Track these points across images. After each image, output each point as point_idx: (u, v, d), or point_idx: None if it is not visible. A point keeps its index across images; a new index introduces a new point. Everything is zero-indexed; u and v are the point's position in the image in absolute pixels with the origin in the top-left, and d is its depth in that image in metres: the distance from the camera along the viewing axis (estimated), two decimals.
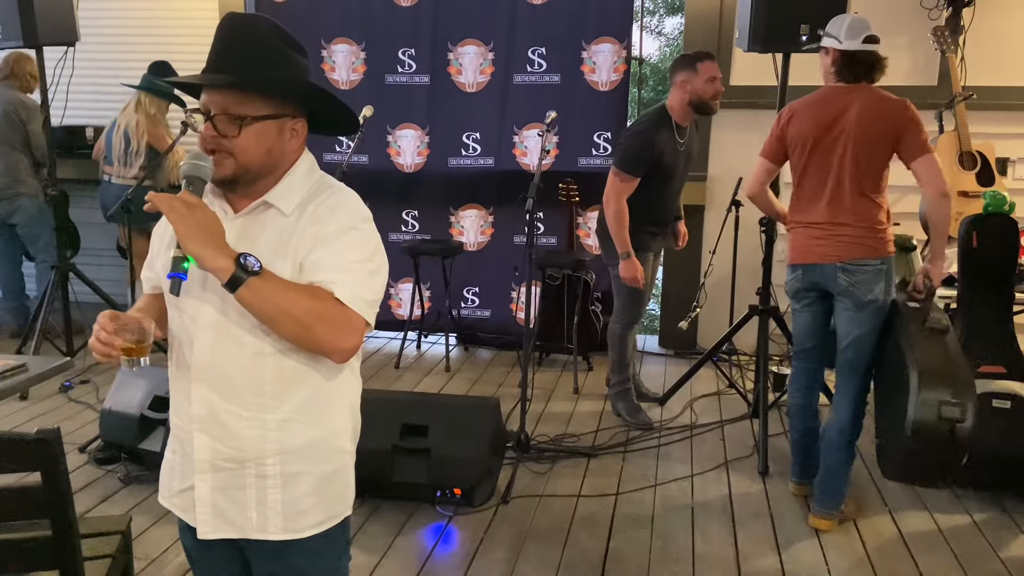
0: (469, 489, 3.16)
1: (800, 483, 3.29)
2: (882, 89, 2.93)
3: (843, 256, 2.91)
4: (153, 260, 1.58)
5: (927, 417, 2.70)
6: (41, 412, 4.07)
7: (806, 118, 2.96)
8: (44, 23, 4.13)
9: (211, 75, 1.41)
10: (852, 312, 2.94)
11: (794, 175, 3.06)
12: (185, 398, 1.48)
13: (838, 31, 2.92)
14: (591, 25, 4.89)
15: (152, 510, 3.12)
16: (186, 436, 1.49)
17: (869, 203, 2.92)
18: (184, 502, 1.54)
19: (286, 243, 1.42)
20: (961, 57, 4.40)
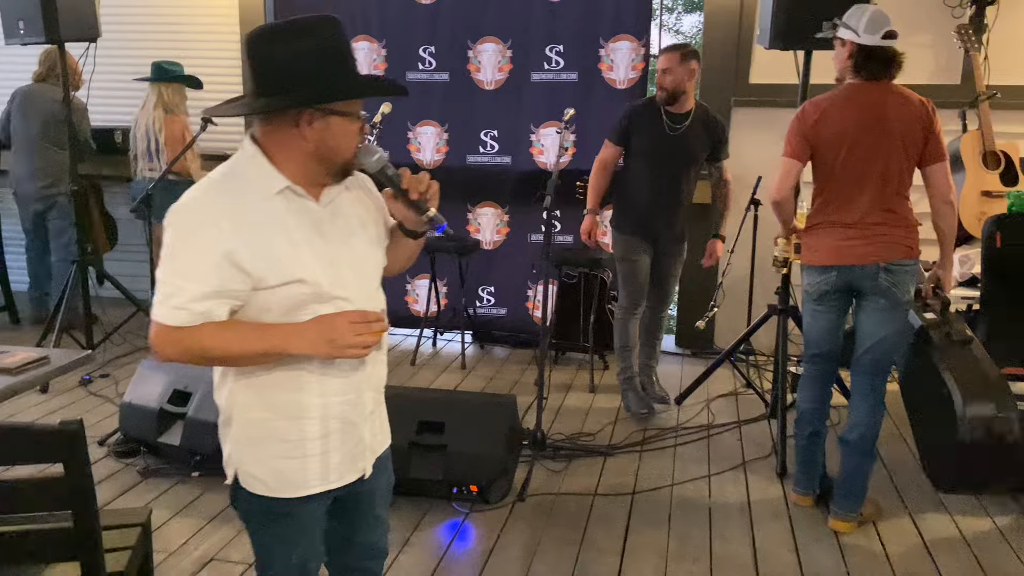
0: (485, 486, 3.16)
1: (804, 494, 3.22)
2: (902, 86, 2.90)
3: (887, 257, 2.85)
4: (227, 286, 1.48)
5: (979, 435, 2.69)
6: (61, 405, 4.11)
7: (842, 117, 2.86)
8: (66, 19, 4.16)
9: (394, 84, 1.65)
10: (886, 312, 2.89)
11: (822, 174, 2.95)
12: (355, 368, 1.63)
13: (857, 23, 2.84)
14: (609, 23, 4.86)
15: (171, 503, 3.15)
16: (351, 404, 1.65)
17: (905, 202, 2.90)
18: (345, 466, 1.67)
19: (364, 212, 1.68)
20: (985, 56, 4.35)
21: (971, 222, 4.07)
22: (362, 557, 1.86)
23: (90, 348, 4.51)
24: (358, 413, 1.67)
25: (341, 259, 1.57)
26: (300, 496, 1.63)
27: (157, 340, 1.50)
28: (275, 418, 1.59)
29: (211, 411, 3.30)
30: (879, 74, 2.86)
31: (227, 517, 3.06)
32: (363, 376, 1.65)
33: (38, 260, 5.40)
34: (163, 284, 1.49)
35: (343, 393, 1.63)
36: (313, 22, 1.51)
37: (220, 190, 1.51)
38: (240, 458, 1.64)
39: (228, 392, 1.62)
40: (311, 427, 1.60)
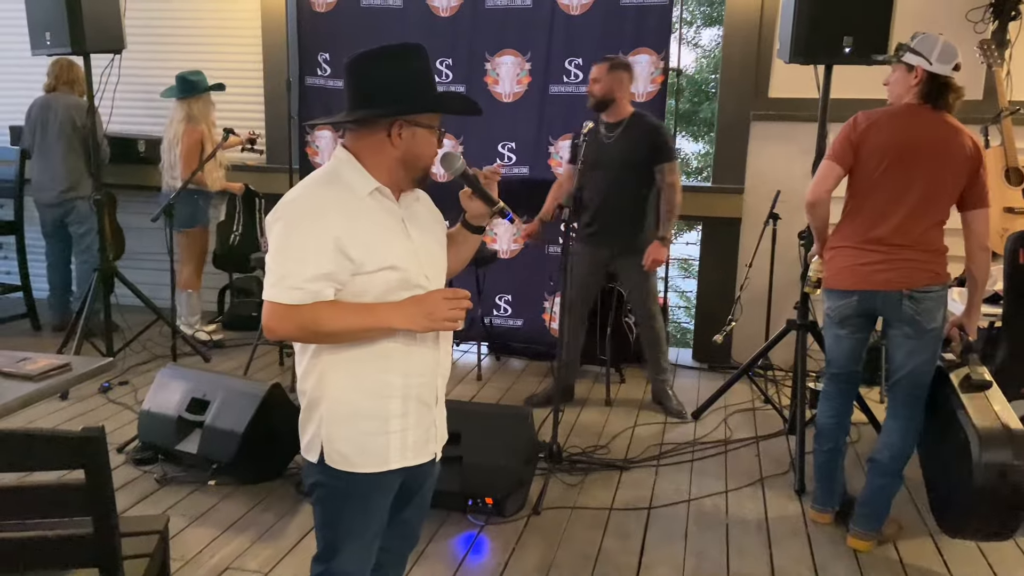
0: (501, 499, 3.15)
1: (823, 511, 3.18)
2: (958, 121, 2.86)
3: (910, 283, 2.80)
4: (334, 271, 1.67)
5: (992, 483, 2.65)
6: (80, 412, 4.14)
7: (891, 130, 2.82)
8: (92, 31, 4.22)
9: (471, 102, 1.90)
10: (913, 340, 2.84)
11: (859, 188, 2.89)
12: (432, 352, 1.82)
13: (929, 52, 2.79)
14: (628, 36, 4.87)
15: (188, 511, 3.16)
16: (427, 386, 1.83)
17: (937, 229, 2.85)
18: (420, 445, 1.84)
19: (433, 215, 1.92)
20: (1008, 71, 4.32)
21: (993, 239, 4.00)
22: (398, 536, 1.99)
23: (110, 355, 4.55)
24: (431, 396, 1.84)
25: (421, 252, 1.79)
26: (381, 472, 1.78)
27: (272, 318, 1.67)
28: (363, 397, 1.76)
29: (229, 419, 3.35)
30: (946, 105, 2.82)
31: (244, 526, 3.07)
32: (436, 360, 1.84)
33: (58, 267, 5.47)
34: (276, 267, 1.67)
35: (421, 375, 1.81)
36: (402, 48, 1.76)
37: (323, 186, 1.72)
38: (328, 436, 1.77)
39: (318, 376, 1.77)
40: (394, 405, 1.78)
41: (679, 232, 10.79)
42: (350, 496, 1.80)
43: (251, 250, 5.37)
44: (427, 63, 1.78)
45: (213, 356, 5.04)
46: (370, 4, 5.16)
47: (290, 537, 3.00)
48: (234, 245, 5.28)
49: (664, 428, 4.15)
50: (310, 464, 1.82)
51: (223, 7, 5.74)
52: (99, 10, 4.26)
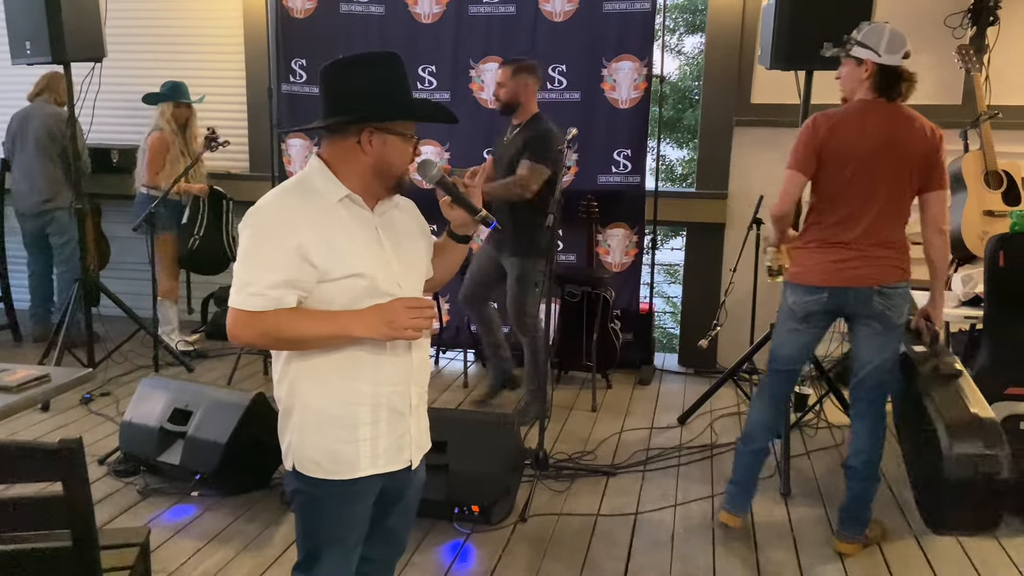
0: (487, 506, 3.14)
1: (738, 514, 3.12)
2: (912, 108, 2.87)
3: (882, 279, 2.81)
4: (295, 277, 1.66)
5: (964, 474, 2.65)
6: (62, 423, 4.10)
7: (852, 133, 2.80)
8: (72, 39, 4.18)
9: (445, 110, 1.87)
10: (881, 336, 2.85)
11: (826, 190, 2.88)
12: (405, 361, 1.80)
13: (877, 43, 2.78)
14: (611, 43, 4.89)
15: (171, 523, 3.13)
16: (400, 395, 1.80)
17: (903, 226, 2.87)
18: (392, 454, 1.82)
19: (413, 227, 1.89)
20: (986, 76, 4.37)
21: (974, 242, 4.06)
22: (384, 543, 1.97)
23: (91, 366, 4.50)
24: (405, 404, 1.82)
25: (394, 261, 1.77)
26: (353, 478, 1.76)
27: (235, 324, 1.69)
28: (332, 405, 1.75)
29: (211, 430, 3.32)
30: (899, 95, 2.82)
31: (227, 537, 3.04)
32: (410, 370, 1.81)
33: (39, 278, 5.43)
34: (241, 274, 1.68)
35: (392, 383, 1.78)
36: (375, 55, 1.76)
37: (291, 195, 1.73)
38: (300, 443, 1.78)
39: (289, 384, 1.78)
40: (363, 413, 1.76)
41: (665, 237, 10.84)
42: (327, 503, 1.79)
43: (215, 254, 5.21)
44: (401, 70, 1.76)
45: (196, 366, 5.00)
46: (350, 11, 5.15)
47: (275, 547, 2.97)
48: (193, 248, 5.09)
49: (650, 433, 4.15)
50: (288, 472, 1.82)
51: (205, 16, 5.72)
52: (79, 19, 4.22)
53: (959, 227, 4.13)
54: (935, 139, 2.81)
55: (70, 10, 4.15)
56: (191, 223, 5.07)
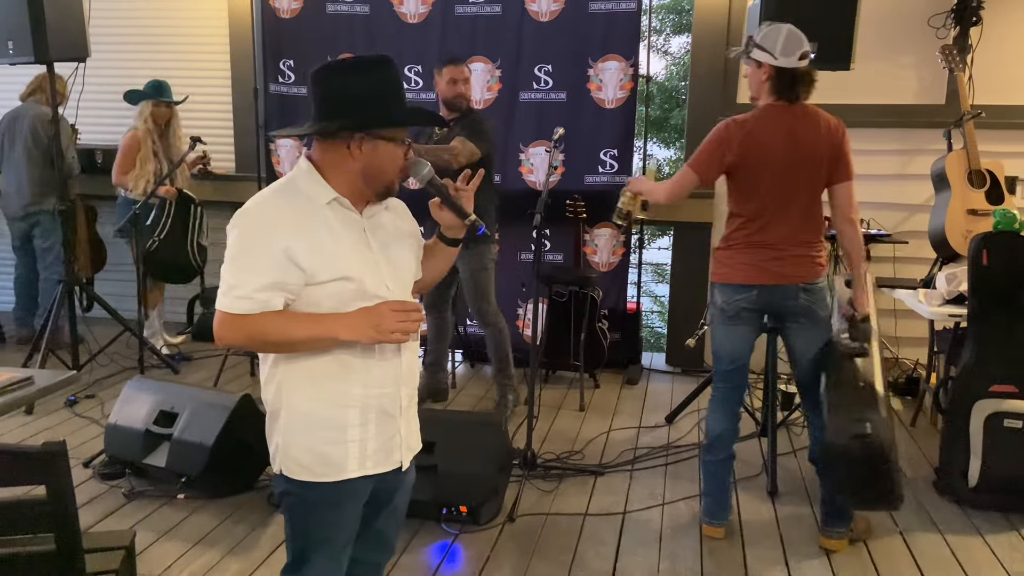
0: (475, 507, 3.13)
1: (720, 525, 3.10)
2: (816, 106, 2.92)
3: (806, 277, 2.89)
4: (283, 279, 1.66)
5: (839, 441, 2.75)
6: (46, 426, 4.06)
7: (765, 140, 2.84)
8: (55, 39, 4.15)
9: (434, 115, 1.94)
10: (811, 330, 2.95)
11: (744, 196, 2.92)
12: (395, 363, 1.78)
13: (773, 45, 2.81)
14: (598, 43, 4.90)
15: (156, 526, 3.11)
16: (390, 397, 1.79)
17: (818, 223, 2.95)
18: (381, 455, 1.80)
19: (402, 228, 1.86)
20: (969, 76, 4.41)
21: (958, 240, 4.10)
22: (372, 547, 1.95)
23: (75, 369, 4.46)
24: (394, 406, 1.81)
25: (382, 263, 1.76)
26: (341, 480, 1.76)
27: (221, 327, 1.68)
28: (321, 407, 1.74)
29: (197, 432, 3.30)
30: (798, 97, 2.85)
31: (214, 540, 3.02)
32: (399, 372, 1.80)
33: (24, 279, 5.38)
34: (228, 277, 1.67)
35: (381, 385, 1.77)
36: (368, 60, 1.74)
37: (279, 197, 1.71)
38: (286, 446, 1.77)
39: (276, 386, 1.77)
40: (352, 415, 1.75)
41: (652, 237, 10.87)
42: (316, 505, 1.78)
43: (175, 260, 5.00)
44: (393, 74, 1.74)
45: (182, 368, 4.97)
46: (336, 10, 5.14)
47: (262, 550, 2.95)
48: (151, 250, 4.86)
49: (638, 433, 4.16)
50: (276, 474, 1.82)
51: (190, 15, 5.69)
52: (63, 18, 4.19)
53: (943, 226, 4.17)
54: (839, 133, 2.88)
55: (53, 9, 4.11)
56: (153, 225, 4.91)
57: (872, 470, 2.72)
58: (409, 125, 1.81)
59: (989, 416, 3.28)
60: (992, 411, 3.28)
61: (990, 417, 3.27)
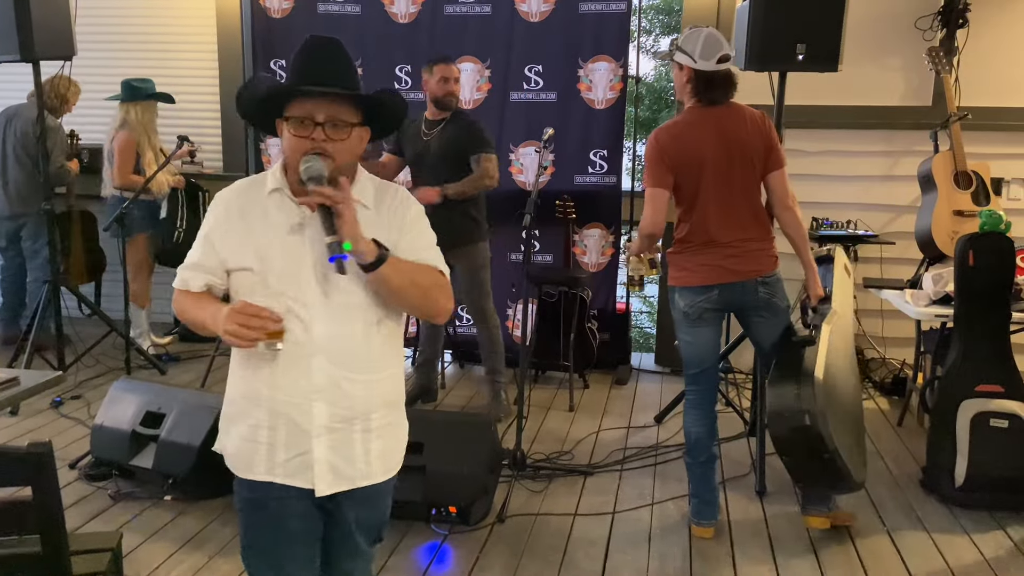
0: (465, 507, 3.13)
1: (710, 524, 3.11)
2: (739, 103, 2.97)
3: (762, 271, 2.95)
4: (204, 261, 1.70)
5: (779, 433, 2.80)
6: (32, 427, 4.03)
7: (694, 141, 2.89)
8: (41, 37, 4.12)
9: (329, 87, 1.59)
10: (772, 322, 3.01)
11: (686, 200, 2.96)
12: (302, 374, 1.64)
13: (692, 48, 2.86)
14: (587, 44, 4.91)
15: (143, 527, 3.09)
16: (299, 409, 1.65)
17: (764, 215, 3.00)
18: (292, 469, 1.68)
19: (373, 231, 1.62)
20: (956, 77, 4.44)
21: (944, 241, 4.12)
22: (328, 568, 1.83)
23: (61, 369, 4.43)
24: (307, 421, 1.66)
25: (305, 262, 1.64)
26: (257, 481, 1.69)
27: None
28: (240, 399, 1.72)
29: (184, 433, 3.28)
30: (718, 99, 2.90)
31: (200, 542, 3.00)
32: (313, 387, 1.64)
33: (11, 280, 5.33)
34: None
35: (289, 395, 1.65)
36: (303, 40, 1.67)
37: (239, 185, 1.73)
38: (222, 433, 1.77)
39: (228, 375, 1.77)
40: (261, 415, 1.68)
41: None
42: (246, 504, 1.74)
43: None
44: (312, 52, 1.62)
45: (169, 369, 4.94)
46: (327, 10, 5.13)
47: None
48: (179, 242, 4.98)
49: (627, 433, 4.16)
50: None
51: (178, 13, 5.66)
52: (49, 16, 4.16)
53: (929, 226, 4.19)
54: (765, 125, 2.94)
55: (39, 8, 4.09)
56: (171, 217, 4.99)
57: (816, 459, 2.76)
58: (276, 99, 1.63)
59: (975, 415, 3.30)
60: (978, 410, 3.30)
61: (976, 416, 3.30)
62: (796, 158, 4.18)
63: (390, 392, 1.76)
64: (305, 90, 1.59)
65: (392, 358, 1.76)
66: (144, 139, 4.87)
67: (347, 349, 1.66)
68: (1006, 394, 3.31)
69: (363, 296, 1.65)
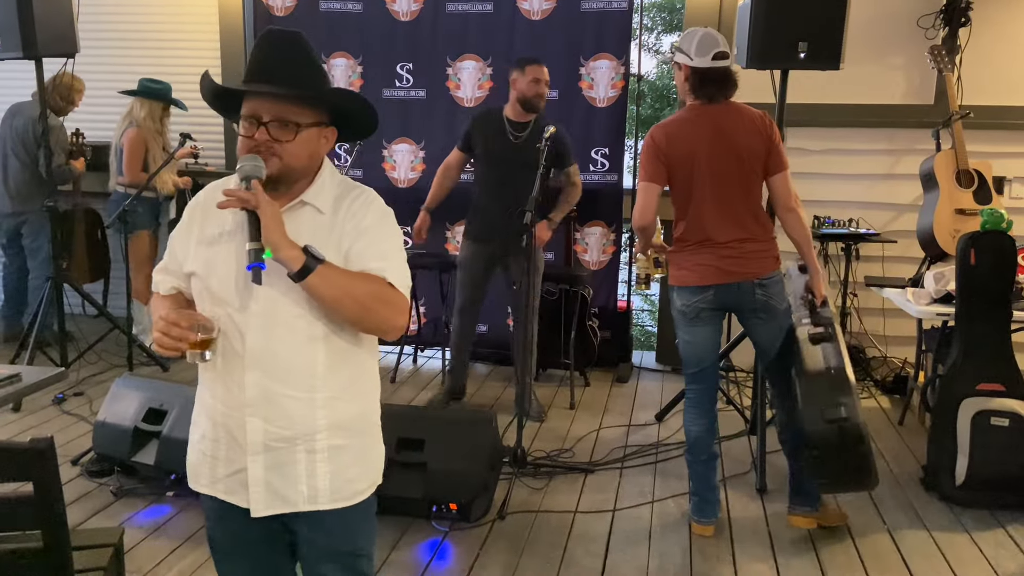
0: (465, 504, 3.13)
1: (710, 523, 3.10)
2: (741, 103, 2.97)
3: (759, 272, 2.93)
4: (170, 264, 1.68)
5: (815, 428, 2.80)
6: (34, 424, 4.04)
7: (689, 139, 2.90)
8: (44, 34, 4.12)
9: (277, 85, 1.51)
10: (770, 323, 3.01)
11: (682, 198, 2.97)
12: (237, 386, 1.55)
13: (689, 47, 2.89)
14: (589, 42, 4.91)
15: (145, 523, 3.10)
16: (235, 422, 1.57)
17: (764, 216, 2.99)
18: (231, 485, 1.60)
19: (326, 237, 1.54)
20: (958, 76, 4.43)
21: (946, 240, 4.12)
22: None
23: (64, 366, 4.44)
24: (243, 437, 1.56)
25: (244, 269, 1.49)
26: (202, 492, 1.66)
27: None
28: (198, 406, 1.67)
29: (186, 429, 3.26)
30: (716, 95, 2.91)
31: (202, 538, 2.99)
32: (247, 401, 1.54)
33: (14, 277, 5.34)
34: None
35: (227, 406, 1.58)
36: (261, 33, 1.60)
37: (212, 184, 1.66)
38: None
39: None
40: (207, 426, 1.63)
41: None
42: (204, 512, 1.71)
43: None
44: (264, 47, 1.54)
45: (172, 366, 4.95)
46: (329, 8, 5.14)
47: None
48: None
49: (628, 431, 4.17)
50: None
51: (179, 11, 5.67)
52: (51, 14, 4.16)
53: (931, 225, 4.19)
54: (767, 126, 2.94)
55: (41, 5, 4.08)
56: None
57: (849, 453, 2.76)
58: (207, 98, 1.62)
59: (976, 414, 3.30)
60: (979, 409, 3.30)
61: (977, 415, 3.30)
62: (798, 156, 4.18)
63: (342, 413, 1.60)
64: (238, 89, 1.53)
65: (344, 377, 1.60)
66: (152, 138, 4.88)
67: (283, 363, 1.53)
68: (1007, 393, 3.31)
69: (307, 308, 1.52)
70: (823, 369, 2.86)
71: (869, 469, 2.80)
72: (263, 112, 1.50)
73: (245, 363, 1.53)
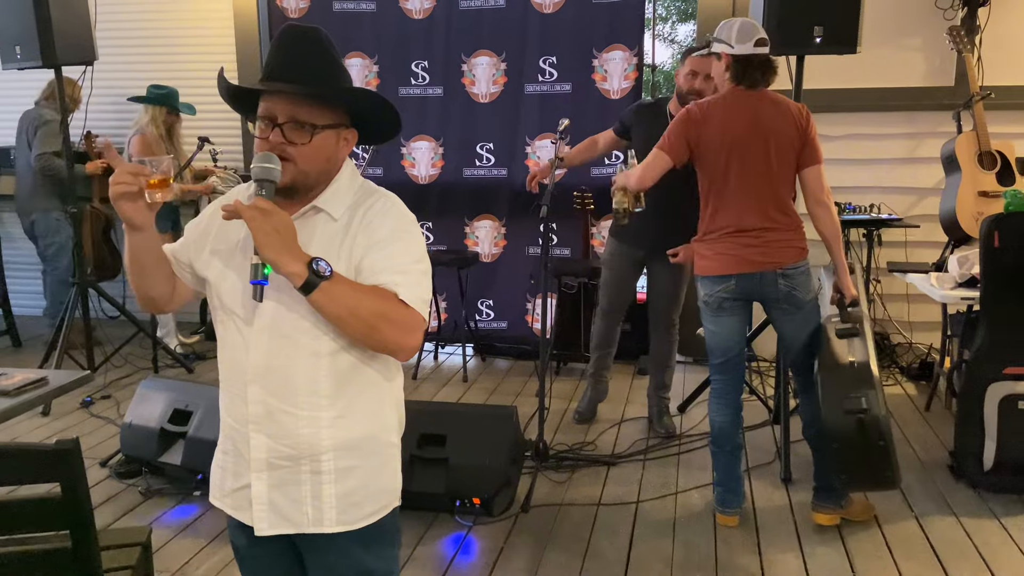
0: (488, 498, 3.14)
1: (734, 513, 3.09)
2: (779, 94, 2.95)
3: (783, 262, 2.90)
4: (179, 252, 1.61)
5: (834, 418, 2.77)
6: (63, 427, 4.10)
7: (724, 123, 2.88)
8: (62, 42, 4.17)
9: (292, 84, 1.43)
10: (795, 315, 2.97)
11: (710, 182, 2.94)
12: (240, 400, 1.50)
13: (728, 36, 2.88)
14: (602, 33, 4.89)
15: (172, 523, 3.14)
16: (241, 436, 1.52)
17: (791, 206, 2.96)
18: (237, 501, 1.56)
19: (338, 247, 1.46)
20: (978, 57, 4.37)
21: (968, 222, 4.07)
22: None
23: (91, 369, 4.51)
24: (247, 452, 1.51)
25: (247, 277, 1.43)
26: (213, 502, 1.63)
27: None
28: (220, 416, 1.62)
29: (211, 429, 3.32)
30: (757, 82, 2.89)
31: (228, 537, 3.04)
32: (250, 416, 1.49)
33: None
34: None
35: (234, 419, 1.54)
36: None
37: (241, 187, 1.59)
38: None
39: None
40: (223, 436, 1.60)
41: None
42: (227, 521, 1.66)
43: None
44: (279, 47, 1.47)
45: (196, 367, 5.00)
46: (343, 8, 5.16)
47: None
48: None
49: (650, 422, 4.15)
50: None
51: (196, 16, 5.72)
52: (69, 22, 4.21)
53: (954, 208, 4.14)
54: (803, 117, 2.91)
55: (60, 13, 4.14)
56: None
57: (868, 446, 2.74)
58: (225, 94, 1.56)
59: (1003, 399, 3.26)
60: (1006, 393, 3.26)
61: (1004, 400, 3.25)
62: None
63: (350, 433, 1.51)
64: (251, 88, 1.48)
65: (353, 396, 1.51)
66: (157, 143, 4.89)
67: (284, 379, 1.47)
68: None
69: (313, 323, 1.44)
70: (846, 362, 2.84)
71: (889, 465, 2.76)
72: (278, 113, 1.43)
73: (248, 377, 1.48)
